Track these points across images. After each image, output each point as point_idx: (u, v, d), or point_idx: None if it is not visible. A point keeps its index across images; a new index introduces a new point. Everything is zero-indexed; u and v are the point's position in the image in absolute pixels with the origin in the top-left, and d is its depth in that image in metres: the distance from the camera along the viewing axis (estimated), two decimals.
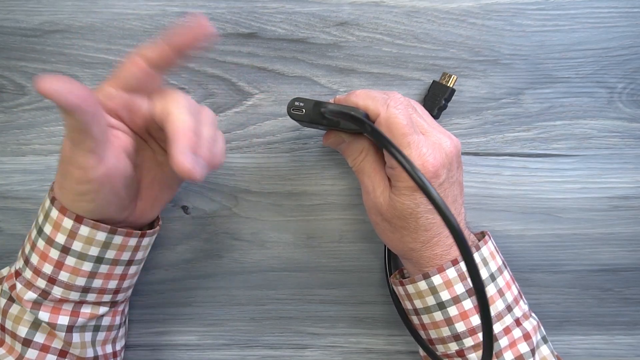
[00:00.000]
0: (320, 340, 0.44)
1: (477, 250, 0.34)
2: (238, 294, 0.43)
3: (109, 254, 0.33)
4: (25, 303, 0.32)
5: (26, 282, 0.33)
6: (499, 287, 0.34)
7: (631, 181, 0.42)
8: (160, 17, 0.40)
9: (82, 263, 0.33)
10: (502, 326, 0.34)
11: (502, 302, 0.34)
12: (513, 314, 0.34)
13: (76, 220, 0.31)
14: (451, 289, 0.33)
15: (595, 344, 0.43)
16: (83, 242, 0.32)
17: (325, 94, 0.41)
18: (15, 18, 0.41)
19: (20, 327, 0.33)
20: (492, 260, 0.35)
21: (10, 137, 0.42)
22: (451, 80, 0.39)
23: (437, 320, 0.34)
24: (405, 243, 0.34)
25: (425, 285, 0.34)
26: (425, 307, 0.34)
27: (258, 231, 0.43)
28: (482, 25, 0.40)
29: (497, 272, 0.35)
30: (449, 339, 0.34)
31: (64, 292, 0.33)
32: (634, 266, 0.42)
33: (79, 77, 0.41)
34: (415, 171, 0.25)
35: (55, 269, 0.32)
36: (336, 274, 0.43)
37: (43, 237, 0.32)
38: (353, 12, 0.40)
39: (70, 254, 0.32)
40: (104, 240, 0.33)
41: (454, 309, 0.33)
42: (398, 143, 0.32)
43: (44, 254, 0.32)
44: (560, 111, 0.41)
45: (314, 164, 0.42)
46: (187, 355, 0.44)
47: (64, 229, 0.32)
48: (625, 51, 0.40)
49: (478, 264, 0.34)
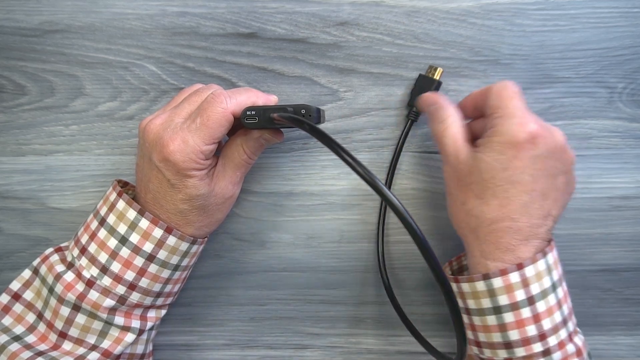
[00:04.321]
0: (320, 340, 0.44)
1: (543, 256, 0.32)
2: (238, 294, 0.43)
3: (185, 261, 0.36)
4: (103, 310, 0.34)
5: (103, 290, 0.34)
6: (559, 298, 0.33)
7: (631, 181, 0.42)
8: (160, 17, 0.40)
9: (162, 270, 0.35)
10: (557, 340, 0.32)
11: (559, 315, 0.32)
12: (567, 328, 0.33)
13: (166, 230, 0.34)
14: (511, 295, 0.31)
15: (595, 344, 0.43)
16: (168, 251, 0.34)
17: (325, 94, 0.41)
18: (15, 18, 0.41)
19: (89, 334, 0.34)
20: (555, 269, 0.33)
21: (10, 137, 0.42)
22: (437, 72, 0.39)
23: (489, 324, 0.32)
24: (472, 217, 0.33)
25: (483, 286, 0.32)
26: (479, 309, 0.33)
27: (258, 231, 0.43)
28: (482, 25, 0.40)
29: (559, 281, 0.33)
30: (499, 345, 0.32)
31: (141, 297, 0.35)
32: (634, 266, 0.42)
33: (79, 77, 0.41)
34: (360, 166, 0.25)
35: (137, 276, 0.34)
36: (336, 274, 0.43)
37: (128, 246, 0.33)
38: (353, 12, 0.40)
39: (154, 261, 0.34)
40: (185, 249, 0.35)
41: (511, 316, 0.32)
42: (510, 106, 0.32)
43: (127, 261, 0.34)
44: (561, 111, 0.41)
45: (314, 164, 0.42)
46: (187, 355, 0.44)
47: (152, 238, 0.34)
48: (626, 51, 0.40)
49: (543, 270, 0.32)
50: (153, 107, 0.41)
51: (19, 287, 0.36)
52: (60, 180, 0.42)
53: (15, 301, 0.35)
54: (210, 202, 0.35)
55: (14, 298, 0.35)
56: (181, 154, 0.31)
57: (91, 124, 0.42)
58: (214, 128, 0.32)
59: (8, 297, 0.35)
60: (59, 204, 0.42)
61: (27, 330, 0.35)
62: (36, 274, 0.36)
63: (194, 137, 0.32)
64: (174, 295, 0.39)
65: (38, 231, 0.42)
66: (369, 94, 0.41)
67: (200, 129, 0.32)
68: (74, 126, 0.42)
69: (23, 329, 0.35)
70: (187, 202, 0.33)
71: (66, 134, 0.42)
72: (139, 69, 0.41)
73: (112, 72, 0.41)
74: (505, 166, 0.31)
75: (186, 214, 0.34)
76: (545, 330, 0.32)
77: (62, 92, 0.41)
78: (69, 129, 0.42)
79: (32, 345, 0.34)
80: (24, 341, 0.34)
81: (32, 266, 0.36)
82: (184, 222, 0.34)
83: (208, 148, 0.32)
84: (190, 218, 0.34)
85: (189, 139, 0.32)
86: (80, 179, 0.42)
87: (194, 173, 0.33)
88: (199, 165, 0.33)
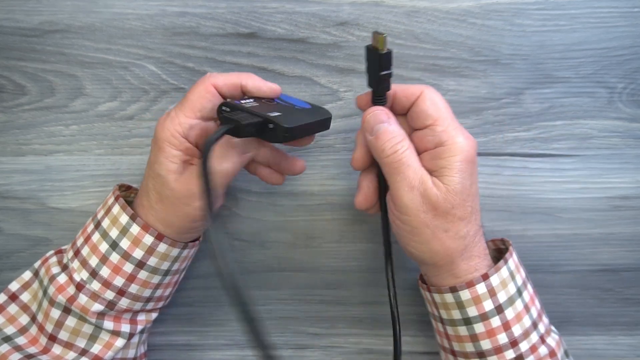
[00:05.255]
0: (320, 340, 0.44)
1: (505, 263, 0.32)
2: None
3: (176, 265, 0.36)
4: (91, 314, 0.33)
5: (92, 294, 0.33)
6: (525, 303, 0.33)
7: (631, 181, 0.42)
8: (160, 17, 0.40)
9: (152, 277, 0.35)
10: (529, 344, 0.32)
11: (528, 319, 0.32)
12: (538, 331, 0.33)
13: (157, 237, 0.33)
14: (479, 305, 0.32)
15: (595, 344, 0.43)
16: (159, 257, 0.34)
17: (325, 94, 0.41)
18: (15, 18, 0.41)
19: (79, 338, 0.34)
20: (517, 273, 0.33)
21: (10, 137, 0.42)
22: (380, 41, 0.30)
23: (461, 334, 0.33)
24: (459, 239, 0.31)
25: (452, 298, 0.32)
26: (450, 319, 0.33)
27: (258, 231, 0.43)
28: (482, 25, 0.40)
29: (523, 285, 0.33)
30: (472, 355, 0.33)
31: (130, 303, 0.35)
32: (635, 266, 0.42)
33: (79, 77, 0.41)
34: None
35: (127, 282, 0.34)
36: (336, 274, 0.43)
37: (118, 252, 0.33)
38: (353, 12, 0.40)
39: (144, 268, 0.34)
40: (176, 255, 0.35)
41: (481, 326, 0.32)
42: (448, 117, 0.32)
43: (117, 267, 0.33)
44: (561, 111, 0.41)
45: (314, 164, 0.42)
46: (187, 355, 0.44)
47: (143, 245, 0.33)
48: (626, 51, 0.40)
49: (507, 277, 0.32)
50: (153, 107, 0.41)
51: (18, 288, 0.36)
52: (60, 180, 0.42)
53: (12, 302, 0.35)
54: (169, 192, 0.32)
55: (11, 298, 0.35)
56: (162, 125, 0.33)
57: (91, 124, 0.42)
58: (194, 100, 0.33)
59: (5, 297, 0.35)
60: (59, 204, 0.42)
61: (18, 331, 0.35)
62: (36, 276, 0.36)
63: (176, 110, 0.33)
64: (165, 299, 0.38)
65: (38, 231, 0.42)
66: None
67: (182, 103, 0.33)
68: (74, 126, 0.42)
69: (14, 329, 0.34)
70: (152, 180, 0.33)
71: (66, 134, 0.42)
72: (139, 69, 0.41)
73: (112, 72, 0.41)
74: (471, 181, 0.31)
75: (149, 192, 0.33)
76: (516, 337, 0.32)
77: (62, 92, 0.41)
78: (69, 129, 0.42)
79: (22, 347, 0.34)
80: (14, 342, 0.34)
81: (34, 268, 0.36)
82: (147, 204, 0.34)
83: (187, 121, 0.32)
84: (151, 198, 0.33)
85: (172, 112, 0.33)
86: (80, 179, 0.42)
87: (168, 148, 0.32)
88: (175, 140, 0.32)
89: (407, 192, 0.31)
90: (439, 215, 0.31)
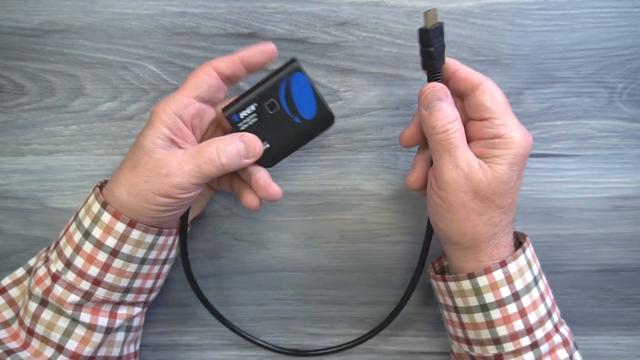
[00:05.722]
0: (320, 340, 0.44)
1: (522, 251, 0.33)
2: (238, 294, 0.43)
3: (152, 254, 0.35)
4: (67, 305, 0.33)
5: (67, 285, 0.33)
6: (541, 291, 0.34)
7: (631, 181, 0.42)
8: (160, 17, 0.40)
9: (128, 265, 0.34)
10: (544, 332, 0.33)
11: (543, 307, 0.33)
12: (552, 320, 0.34)
13: (129, 224, 0.33)
14: (496, 292, 0.32)
15: (596, 344, 0.43)
16: (132, 245, 0.33)
17: (325, 94, 0.41)
18: (15, 18, 0.41)
19: (54, 332, 0.33)
20: (534, 262, 0.34)
21: (10, 137, 0.42)
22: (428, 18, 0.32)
23: (477, 321, 0.33)
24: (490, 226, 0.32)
25: (469, 285, 0.33)
26: (467, 306, 0.34)
27: (258, 231, 0.43)
28: (482, 25, 0.40)
29: (539, 275, 0.34)
30: (488, 342, 0.33)
31: (107, 293, 0.34)
32: (635, 266, 0.42)
33: (78, 77, 0.41)
34: None
35: (102, 271, 0.33)
36: (336, 274, 0.43)
37: (91, 241, 0.33)
38: (353, 12, 0.40)
39: (118, 256, 0.33)
40: (150, 242, 0.34)
41: (497, 312, 0.32)
42: (507, 111, 0.33)
43: (90, 256, 0.33)
44: (561, 111, 0.41)
45: (314, 164, 0.42)
46: (187, 355, 0.44)
47: (115, 233, 0.33)
48: (626, 51, 0.40)
49: (524, 266, 0.33)
50: (153, 107, 0.41)
51: (8, 283, 0.36)
52: (60, 180, 0.42)
53: None
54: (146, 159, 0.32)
55: None
56: (158, 104, 0.33)
57: (91, 124, 0.42)
58: (192, 80, 0.33)
59: None
60: (59, 204, 0.42)
61: (0, 324, 0.34)
62: (29, 274, 0.36)
63: (175, 93, 0.33)
64: (148, 292, 0.37)
65: (38, 231, 0.42)
66: (369, 94, 0.41)
67: (182, 86, 0.33)
68: (74, 126, 0.42)
69: None
70: (131, 151, 0.33)
71: (66, 134, 0.42)
72: (139, 69, 0.41)
73: (112, 72, 0.41)
74: (518, 176, 0.33)
75: (123, 164, 0.33)
76: (532, 324, 0.33)
77: (62, 92, 0.41)
78: (69, 129, 0.42)
79: (2, 341, 0.34)
80: None
81: (28, 265, 0.36)
82: (117, 174, 0.33)
83: (182, 99, 0.32)
84: (124, 165, 0.33)
85: (171, 95, 0.33)
86: (80, 179, 0.42)
87: (157, 124, 0.32)
88: (166, 117, 0.32)
89: (450, 170, 0.32)
90: (477, 198, 0.32)
